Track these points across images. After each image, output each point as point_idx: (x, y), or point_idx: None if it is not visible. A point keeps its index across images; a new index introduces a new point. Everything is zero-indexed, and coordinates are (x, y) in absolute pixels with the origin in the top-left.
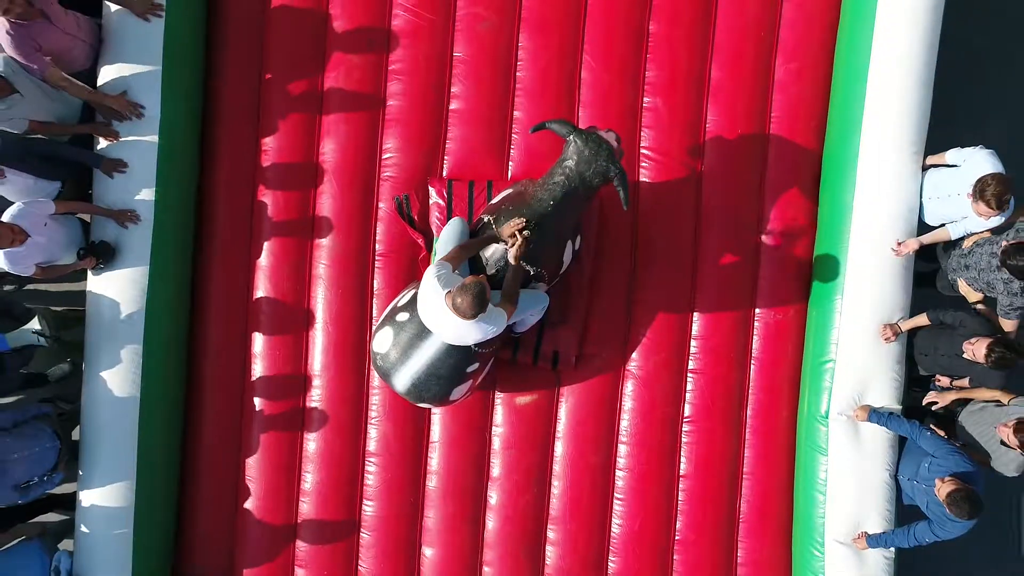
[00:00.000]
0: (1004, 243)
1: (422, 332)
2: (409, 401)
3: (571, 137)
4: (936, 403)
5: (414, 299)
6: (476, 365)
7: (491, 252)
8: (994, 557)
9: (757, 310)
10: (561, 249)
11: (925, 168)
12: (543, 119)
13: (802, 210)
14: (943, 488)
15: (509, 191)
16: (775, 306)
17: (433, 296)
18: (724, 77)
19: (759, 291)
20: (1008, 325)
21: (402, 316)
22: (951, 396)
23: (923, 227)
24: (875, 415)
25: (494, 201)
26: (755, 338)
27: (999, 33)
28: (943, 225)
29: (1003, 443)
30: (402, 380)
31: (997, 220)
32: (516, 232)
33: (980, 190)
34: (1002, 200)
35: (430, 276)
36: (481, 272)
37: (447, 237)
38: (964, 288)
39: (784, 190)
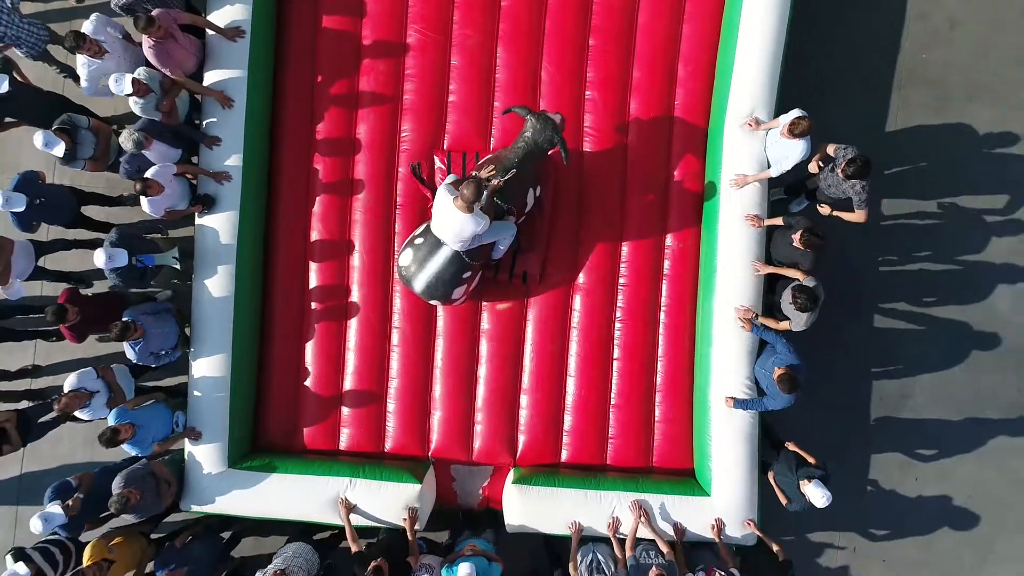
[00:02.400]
0: (842, 165)
1: (432, 249)
2: (423, 300)
3: (528, 117)
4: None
5: (427, 228)
6: (469, 273)
7: None
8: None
9: (667, 240)
10: (525, 193)
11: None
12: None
13: (695, 168)
14: (777, 373)
15: (490, 156)
16: (678, 237)
17: (443, 197)
18: (642, 77)
19: (668, 227)
20: (861, 216)
21: (419, 240)
22: (769, 269)
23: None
24: (755, 328)
25: (480, 162)
26: (665, 260)
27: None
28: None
29: (792, 306)
30: (419, 284)
31: (800, 145)
32: (490, 176)
33: (789, 128)
34: (795, 131)
35: (442, 187)
36: None
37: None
38: (826, 210)
39: (683, 155)
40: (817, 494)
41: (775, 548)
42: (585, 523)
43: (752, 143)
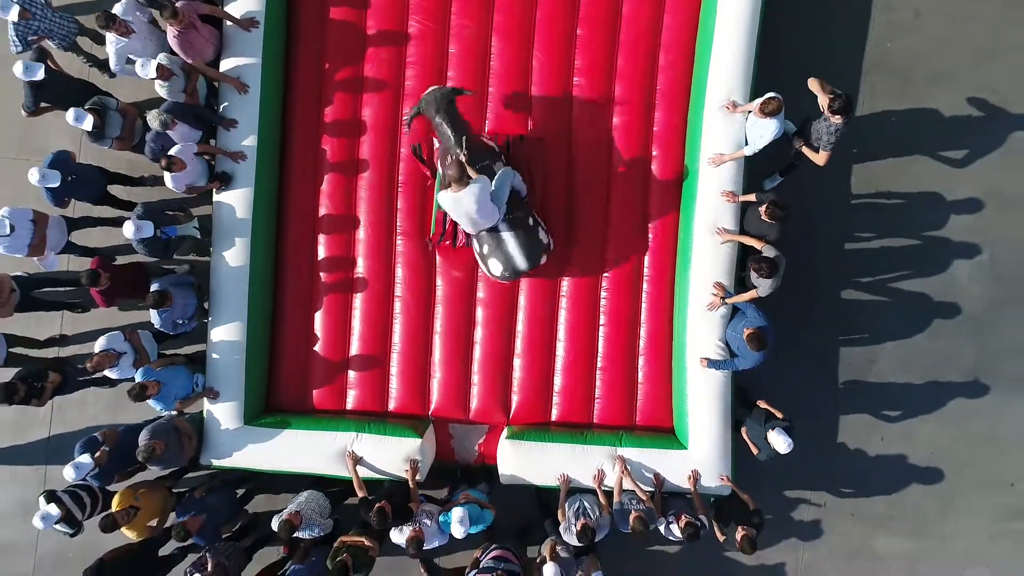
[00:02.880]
0: (828, 100)
1: (495, 239)
2: (539, 267)
3: (419, 105)
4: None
5: (478, 237)
6: (530, 219)
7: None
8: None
9: (649, 215)
10: (476, 138)
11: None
12: (511, 95)
13: (676, 149)
14: (746, 333)
15: (438, 151)
16: (660, 212)
17: (445, 197)
18: (626, 64)
19: (650, 204)
20: (823, 157)
21: (484, 248)
22: (729, 237)
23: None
24: (728, 294)
25: (439, 160)
26: (648, 234)
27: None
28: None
29: (756, 274)
30: (521, 263)
31: (773, 124)
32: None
33: (761, 107)
34: (766, 110)
35: (440, 197)
36: None
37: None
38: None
39: (664, 137)
40: (780, 441)
41: (746, 498)
42: (573, 475)
43: (729, 125)
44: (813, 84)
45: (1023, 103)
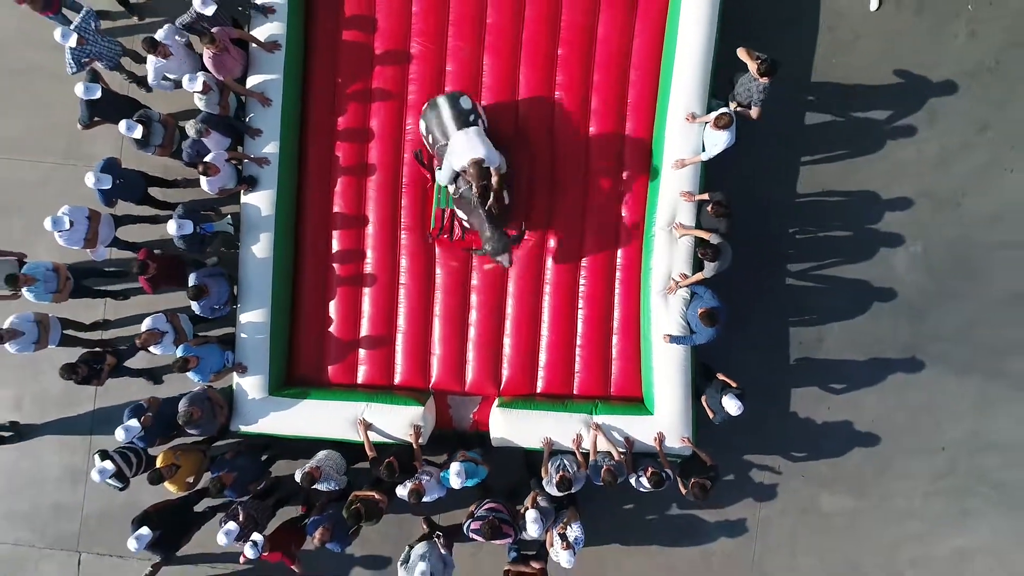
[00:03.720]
0: (756, 64)
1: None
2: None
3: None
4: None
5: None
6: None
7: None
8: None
9: (621, 213)
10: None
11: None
12: (500, 106)
13: (644, 155)
14: (700, 312)
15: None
16: (631, 213)
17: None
18: (600, 79)
19: (622, 204)
20: (756, 112)
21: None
22: (684, 232)
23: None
24: (682, 289)
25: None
26: (621, 230)
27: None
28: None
29: (703, 259)
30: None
31: (724, 135)
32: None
33: (715, 122)
34: (719, 124)
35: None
36: None
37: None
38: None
39: (634, 144)
40: (732, 404)
41: (704, 456)
42: (555, 439)
43: (688, 134)
44: (742, 53)
45: (950, 115)
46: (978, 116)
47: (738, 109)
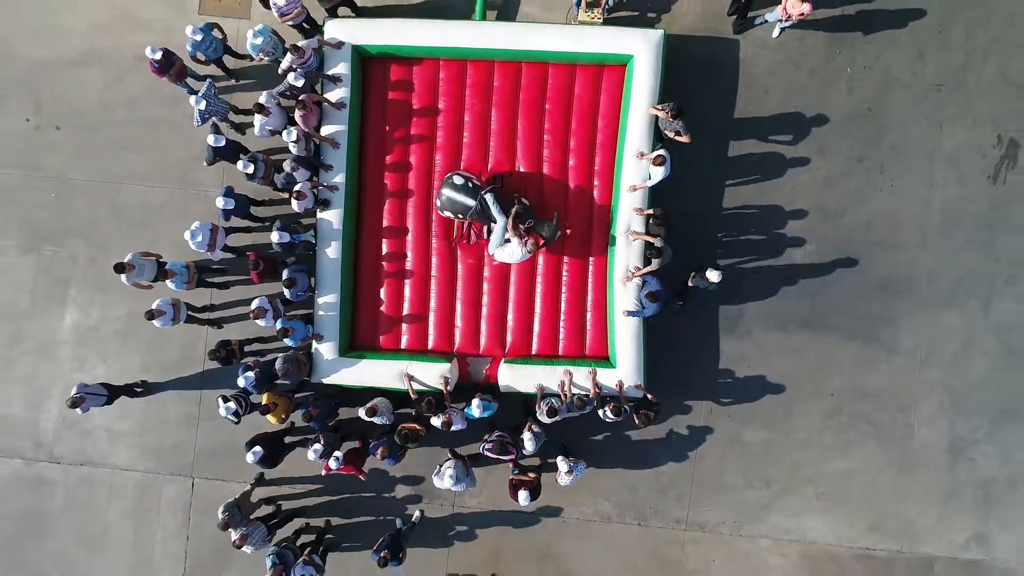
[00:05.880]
0: (668, 112)
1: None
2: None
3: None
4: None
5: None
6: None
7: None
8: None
9: (592, 226)
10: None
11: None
12: (504, 145)
13: (608, 181)
14: (646, 292)
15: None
16: (599, 224)
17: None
18: (577, 127)
19: (593, 218)
20: (687, 138)
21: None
22: (638, 237)
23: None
24: (636, 279)
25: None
26: (592, 236)
27: (698, 112)
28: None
29: (649, 256)
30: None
31: (660, 170)
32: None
33: (653, 160)
34: (655, 162)
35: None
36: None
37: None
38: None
39: (602, 173)
40: (714, 274)
41: (650, 396)
42: (545, 384)
43: (638, 167)
44: (652, 111)
45: (835, 149)
46: (856, 150)
47: (675, 138)
